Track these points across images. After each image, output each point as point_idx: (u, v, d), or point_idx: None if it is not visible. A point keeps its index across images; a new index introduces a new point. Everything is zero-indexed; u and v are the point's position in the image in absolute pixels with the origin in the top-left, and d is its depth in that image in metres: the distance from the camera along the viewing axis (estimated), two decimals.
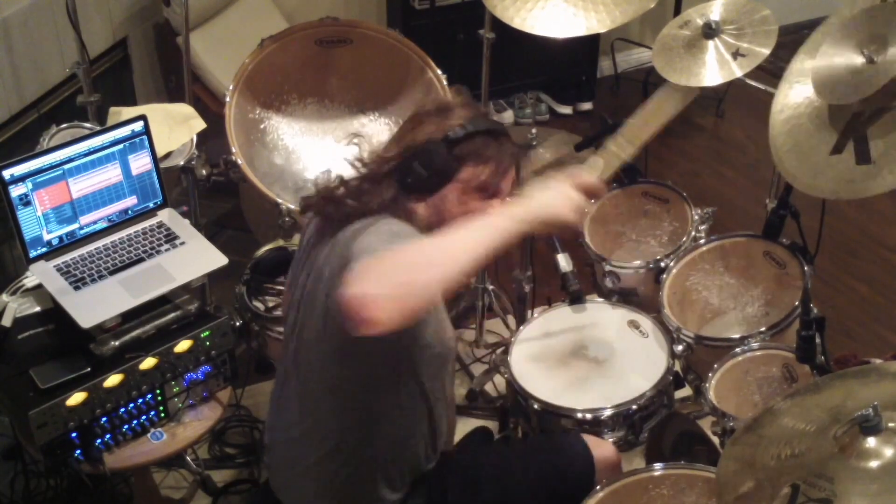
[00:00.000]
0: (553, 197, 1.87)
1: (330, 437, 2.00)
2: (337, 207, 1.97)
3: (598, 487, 2.07)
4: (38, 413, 2.13)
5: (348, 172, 2.03)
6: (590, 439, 2.25)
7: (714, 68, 2.70)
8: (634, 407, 2.33)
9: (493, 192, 1.98)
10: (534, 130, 2.90)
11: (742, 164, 4.27)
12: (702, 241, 2.69)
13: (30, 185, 2.29)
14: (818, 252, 2.59)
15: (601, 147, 2.38)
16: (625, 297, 2.70)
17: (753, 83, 2.99)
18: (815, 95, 2.17)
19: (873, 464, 1.43)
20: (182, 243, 2.46)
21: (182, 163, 2.81)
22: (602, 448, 2.23)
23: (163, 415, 2.34)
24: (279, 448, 2.13)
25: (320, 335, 1.95)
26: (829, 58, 2.15)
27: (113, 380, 2.23)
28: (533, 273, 3.11)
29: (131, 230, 2.48)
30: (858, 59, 2.10)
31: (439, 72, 3.05)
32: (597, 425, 2.33)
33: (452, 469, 2.15)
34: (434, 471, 2.12)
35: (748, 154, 4.29)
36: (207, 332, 2.36)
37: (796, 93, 2.27)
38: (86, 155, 2.38)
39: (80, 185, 2.38)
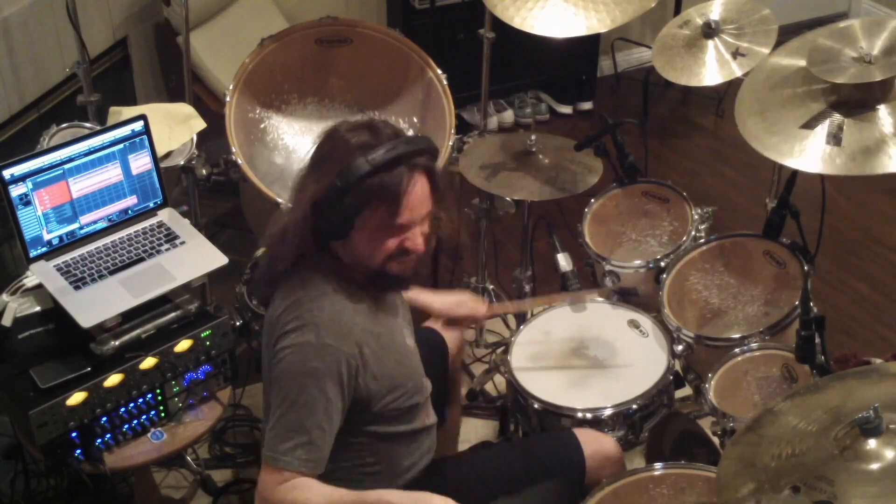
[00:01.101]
0: None
1: None
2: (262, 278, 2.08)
3: (599, 486, 2.07)
4: (39, 413, 2.13)
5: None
6: (586, 433, 2.24)
7: (714, 68, 2.70)
8: (634, 406, 2.34)
9: (401, 227, 1.91)
10: (533, 137, 2.87)
11: (742, 163, 4.26)
12: (702, 240, 2.69)
13: (30, 185, 2.29)
14: (818, 251, 2.59)
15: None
16: (625, 296, 2.70)
17: None
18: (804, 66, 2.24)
19: (874, 466, 1.43)
20: (182, 243, 2.46)
21: (182, 162, 2.81)
22: (599, 442, 2.22)
23: (163, 414, 2.34)
24: None
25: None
26: (833, 38, 2.21)
27: (113, 379, 2.23)
28: (533, 273, 3.11)
29: (131, 230, 2.47)
30: (858, 54, 2.15)
31: (439, 71, 3.04)
32: (597, 425, 2.33)
33: (440, 476, 2.15)
34: (417, 480, 2.11)
35: (748, 154, 4.26)
36: (208, 332, 2.36)
37: (785, 62, 2.34)
38: (86, 155, 2.38)
39: (80, 185, 2.38)
